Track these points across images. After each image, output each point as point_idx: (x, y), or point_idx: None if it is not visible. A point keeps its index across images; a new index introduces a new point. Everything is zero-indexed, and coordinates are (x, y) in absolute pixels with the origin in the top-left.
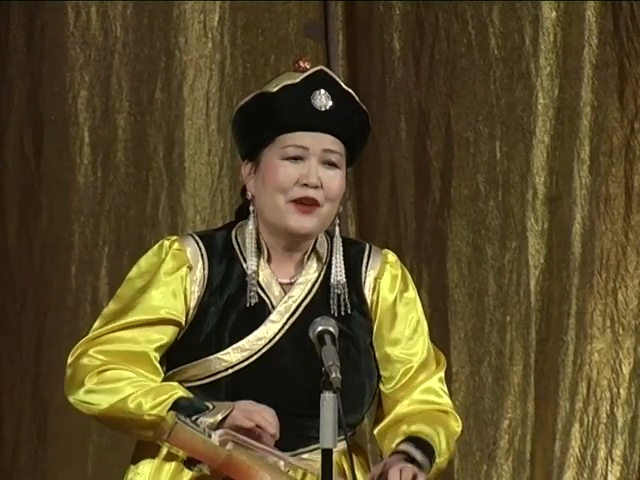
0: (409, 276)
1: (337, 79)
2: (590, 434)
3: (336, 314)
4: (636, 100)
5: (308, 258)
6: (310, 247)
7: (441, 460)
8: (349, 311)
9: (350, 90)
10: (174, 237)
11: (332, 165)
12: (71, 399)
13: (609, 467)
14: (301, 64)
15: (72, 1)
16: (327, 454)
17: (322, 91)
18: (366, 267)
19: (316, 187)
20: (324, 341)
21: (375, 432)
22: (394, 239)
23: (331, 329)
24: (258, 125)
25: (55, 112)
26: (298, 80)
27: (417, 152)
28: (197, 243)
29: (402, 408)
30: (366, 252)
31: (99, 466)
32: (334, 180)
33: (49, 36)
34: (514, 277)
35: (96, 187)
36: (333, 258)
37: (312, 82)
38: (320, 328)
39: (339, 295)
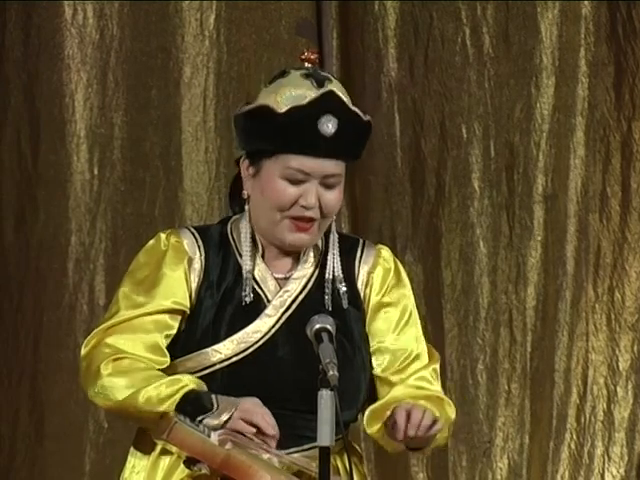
0: (402, 269)
1: (344, 100)
2: (587, 432)
3: (330, 308)
4: (633, 98)
5: (304, 253)
6: None
7: (440, 437)
8: (346, 305)
9: (356, 109)
10: (170, 230)
11: (332, 186)
12: (90, 392)
13: (606, 465)
14: (306, 55)
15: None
16: (324, 452)
17: (329, 116)
18: (359, 262)
19: (315, 207)
20: (321, 339)
21: (367, 411)
22: (388, 237)
23: (328, 327)
24: (262, 137)
25: (52, 110)
26: (306, 102)
27: (412, 150)
28: (193, 235)
29: (396, 392)
30: (359, 247)
31: (96, 464)
32: (333, 200)
33: (46, 34)
34: (509, 275)
35: (93, 185)
36: (329, 253)
37: (320, 105)
38: (317, 326)
39: (335, 290)
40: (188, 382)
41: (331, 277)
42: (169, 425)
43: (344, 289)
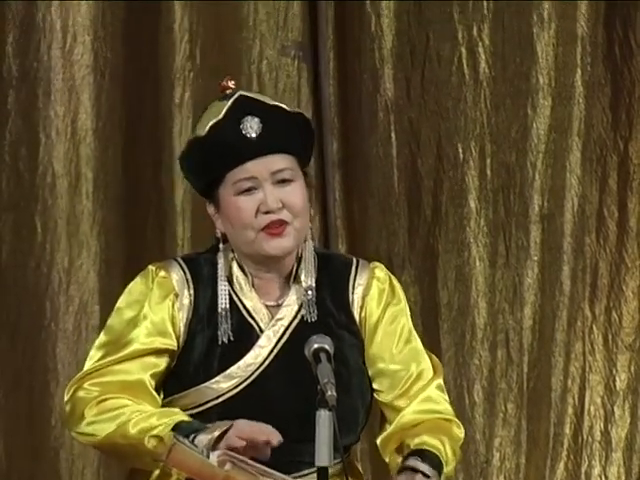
0: (398, 286)
1: (260, 98)
2: (584, 452)
3: (310, 320)
4: (629, 118)
5: (294, 278)
6: (295, 268)
7: (449, 469)
8: (314, 318)
9: (277, 103)
10: (159, 263)
11: (287, 181)
12: (73, 433)
13: None
14: (224, 84)
15: (62, 20)
16: (323, 473)
17: (249, 117)
18: (353, 284)
19: (279, 209)
20: (319, 359)
21: (378, 441)
22: (385, 258)
23: (326, 347)
24: (202, 170)
25: (49, 129)
26: (222, 115)
27: (408, 171)
28: (182, 269)
29: (404, 418)
30: (353, 268)
31: (92, 474)
32: (293, 195)
33: (42, 57)
34: (506, 295)
35: (87, 204)
36: (302, 263)
37: (236, 111)
38: (316, 346)
39: (309, 300)
40: (179, 413)
41: (306, 286)
42: (168, 446)
43: (311, 297)
